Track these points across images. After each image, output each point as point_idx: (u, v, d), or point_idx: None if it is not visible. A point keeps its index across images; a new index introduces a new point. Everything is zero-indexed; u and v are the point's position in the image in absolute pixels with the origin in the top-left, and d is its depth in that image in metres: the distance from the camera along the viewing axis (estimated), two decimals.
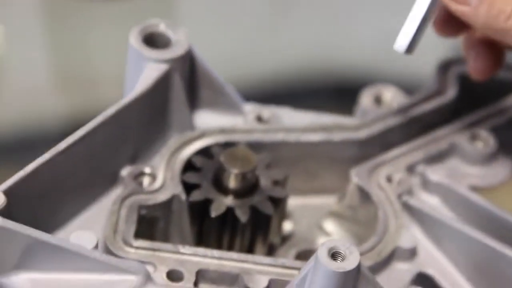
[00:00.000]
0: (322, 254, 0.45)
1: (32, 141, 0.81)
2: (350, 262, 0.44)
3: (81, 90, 0.85)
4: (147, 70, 0.52)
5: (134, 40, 0.53)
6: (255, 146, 0.54)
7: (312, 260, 0.45)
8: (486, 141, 0.56)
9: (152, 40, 0.53)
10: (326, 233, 0.56)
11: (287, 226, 0.56)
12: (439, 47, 0.71)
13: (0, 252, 0.46)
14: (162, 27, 0.53)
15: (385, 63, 0.82)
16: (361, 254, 0.50)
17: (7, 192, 0.47)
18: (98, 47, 0.87)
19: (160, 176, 0.53)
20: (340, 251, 0.45)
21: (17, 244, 0.46)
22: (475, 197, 0.53)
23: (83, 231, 0.49)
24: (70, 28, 0.88)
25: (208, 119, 0.56)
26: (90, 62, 0.86)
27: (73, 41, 0.87)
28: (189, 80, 0.55)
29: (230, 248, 0.53)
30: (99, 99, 0.82)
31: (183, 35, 0.53)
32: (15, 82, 0.85)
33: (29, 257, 0.47)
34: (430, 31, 0.54)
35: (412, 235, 0.52)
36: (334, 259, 0.44)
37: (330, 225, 0.56)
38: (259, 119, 0.56)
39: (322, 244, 0.45)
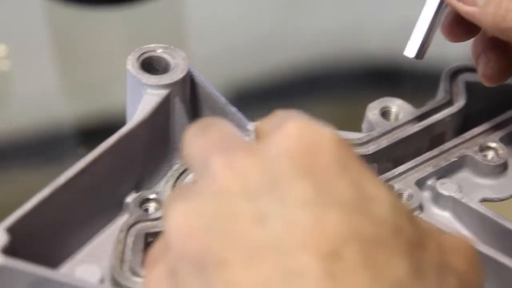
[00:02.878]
0: None
1: (45, 146, 0.82)
2: None
3: (89, 94, 0.85)
4: (146, 97, 0.52)
5: (132, 66, 0.52)
6: None
7: None
8: (497, 151, 0.55)
9: (150, 66, 0.53)
10: None
11: None
12: None
13: None
14: (159, 52, 0.53)
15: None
16: None
17: (9, 229, 0.46)
18: (103, 51, 0.87)
19: None
20: None
21: (22, 282, 0.46)
22: (486, 211, 0.52)
23: (88, 264, 0.49)
24: (75, 37, 0.88)
25: None
26: (97, 67, 0.86)
27: (78, 47, 0.87)
28: (190, 103, 0.54)
29: None
30: (108, 102, 0.83)
31: (181, 59, 0.53)
32: (23, 92, 0.86)
33: None
34: None
35: None
36: None
37: None
38: None
39: None
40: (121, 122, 0.54)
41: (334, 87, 0.89)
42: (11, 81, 0.89)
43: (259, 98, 0.87)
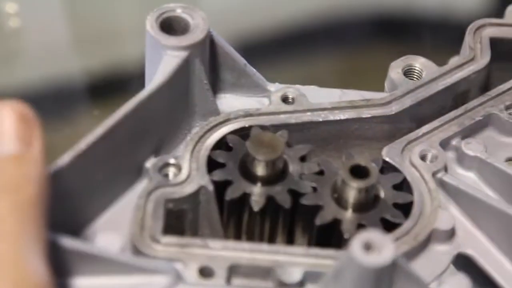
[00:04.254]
0: (355, 247, 0.43)
1: (57, 102, 0.81)
2: (384, 256, 0.43)
3: (102, 42, 0.84)
4: (166, 58, 0.50)
5: (151, 27, 0.51)
6: (282, 128, 0.52)
7: (345, 253, 0.44)
8: None
9: (170, 26, 0.51)
10: None
11: None
12: None
13: None
14: (179, 12, 0.51)
15: None
16: (396, 239, 0.49)
17: None
18: (115, 6, 0.86)
19: (185, 166, 0.51)
20: (374, 243, 0.43)
21: None
22: None
23: (109, 232, 0.48)
24: None
25: (232, 102, 0.54)
26: (109, 15, 0.85)
27: (90, 4, 0.86)
28: (210, 64, 0.53)
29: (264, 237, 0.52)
30: (120, 51, 0.82)
31: (201, 19, 0.51)
32: (33, 48, 0.86)
33: (55, 263, 0.46)
34: None
35: (449, 215, 0.50)
36: (368, 253, 0.43)
37: None
38: (285, 99, 0.54)
39: (355, 237, 0.43)
40: (133, 77, 0.53)
41: (347, 40, 0.87)
42: (22, 37, 0.88)
43: (269, 53, 0.86)
